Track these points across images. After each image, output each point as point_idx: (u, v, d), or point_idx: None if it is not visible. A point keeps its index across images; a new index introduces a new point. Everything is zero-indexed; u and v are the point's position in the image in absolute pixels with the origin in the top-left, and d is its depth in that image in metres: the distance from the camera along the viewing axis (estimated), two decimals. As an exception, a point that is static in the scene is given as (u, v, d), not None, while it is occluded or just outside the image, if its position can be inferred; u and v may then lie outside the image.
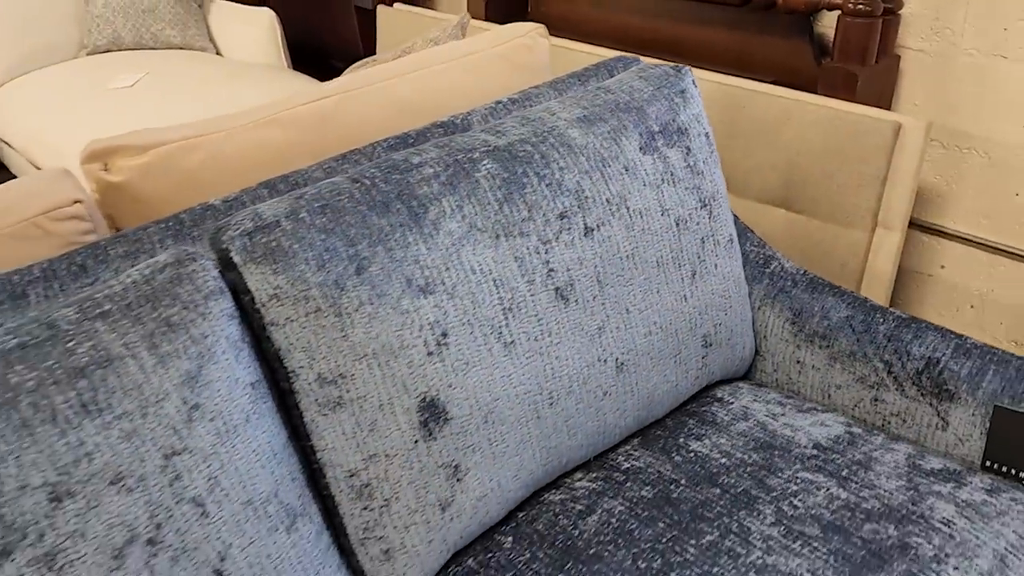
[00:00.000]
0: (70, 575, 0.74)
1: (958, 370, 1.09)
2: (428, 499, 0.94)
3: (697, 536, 0.96)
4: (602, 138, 1.06)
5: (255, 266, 0.87)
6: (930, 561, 0.91)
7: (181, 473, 0.79)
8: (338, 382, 0.89)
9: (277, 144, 1.23)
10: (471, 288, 0.94)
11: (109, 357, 0.78)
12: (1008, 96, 1.59)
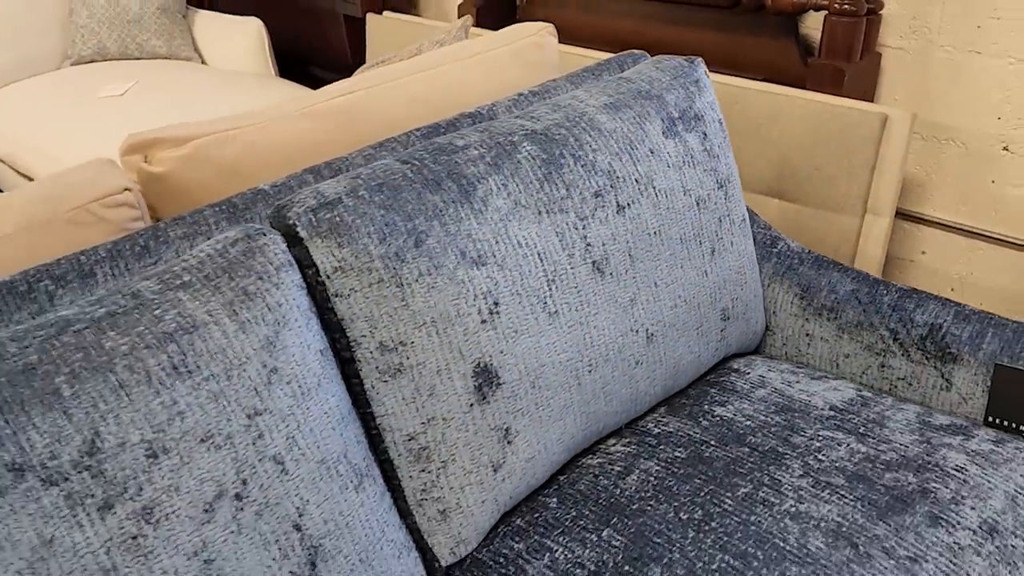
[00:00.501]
0: (166, 528, 0.78)
1: (959, 334, 1.18)
2: (481, 460, 0.99)
3: (732, 489, 1.03)
4: (628, 123, 1.13)
5: (320, 240, 0.92)
6: (949, 503, 0.99)
7: (263, 432, 0.84)
8: (398, 349, 0.94)
9: (308, 136, 1.28)
10: (518, 260, 1.00)
11: (195, 324, 0.82)
12: (982, 89, 1.69)
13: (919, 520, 0.97)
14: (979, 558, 0.94)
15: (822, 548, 0.94)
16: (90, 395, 0.76)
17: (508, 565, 1.00)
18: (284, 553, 0.85)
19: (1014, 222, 1.75)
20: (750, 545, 0.95)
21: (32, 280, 0.92)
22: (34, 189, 1.09)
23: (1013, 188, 1.73)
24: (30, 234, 1.04)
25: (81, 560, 0.74)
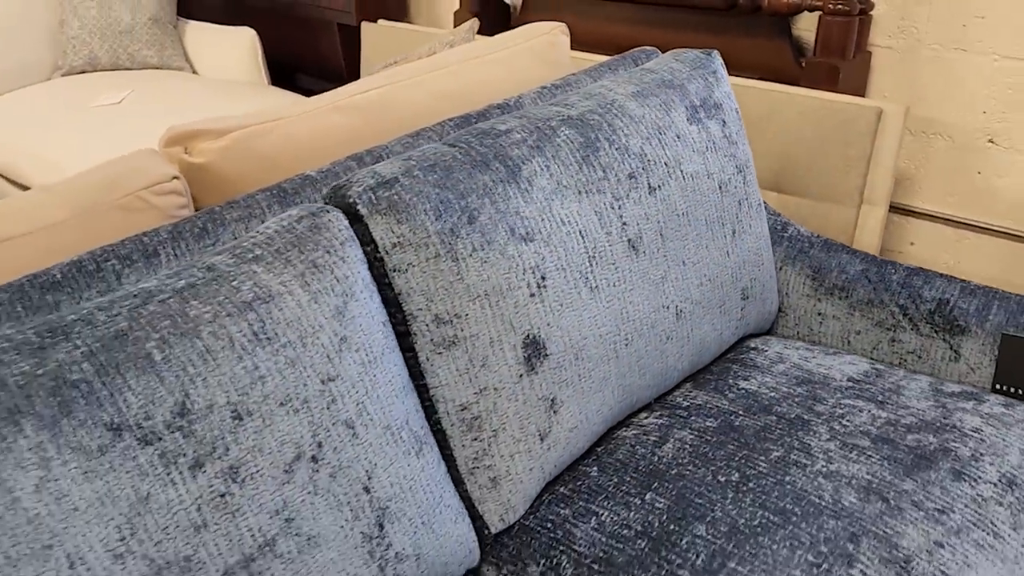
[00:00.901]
0: (250, 487, 0.81)
1: (966, 307, 1.25)
2: (530, 429, 1.04)
3: (765, 453, 1.08)
4: (655, 110, 1.19)
5: (380, 217, 0.97)
6: (969, 459, 1.05)
7: (336, 398, 0.88)
8: (453, 322, 0.99)
9: (341, 128, 1.33)
10: (563, 237, 1.05)
11: (270, 294, 0.86)
12: (968, 85, 1.79)
13: (943, 476, 1.03)
14: (1001, 508, 1.00)
15: (855, 503, 1.00)
16: (179, 360, 0.79)
17: (556, 530, 1.05)
18: (355, 514, 0.89)
19: (999, 211, 1.84)
20: (787, 502, 1.01)
21: (99, 259, 0.95)
22: (84, 178, 1.12)
23: (998, 179, 1.82)
24: (84, 219, 1.07)
25: (175, 516, 0.77)
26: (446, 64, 1.47)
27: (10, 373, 0.74)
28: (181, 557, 0.78)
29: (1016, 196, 1.80)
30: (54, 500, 0.72)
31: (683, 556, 0.97)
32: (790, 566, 0.93)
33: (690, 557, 0.97)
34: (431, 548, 0.96)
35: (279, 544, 0.83)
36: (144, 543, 0.76)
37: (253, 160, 1.24)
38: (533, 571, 1.03)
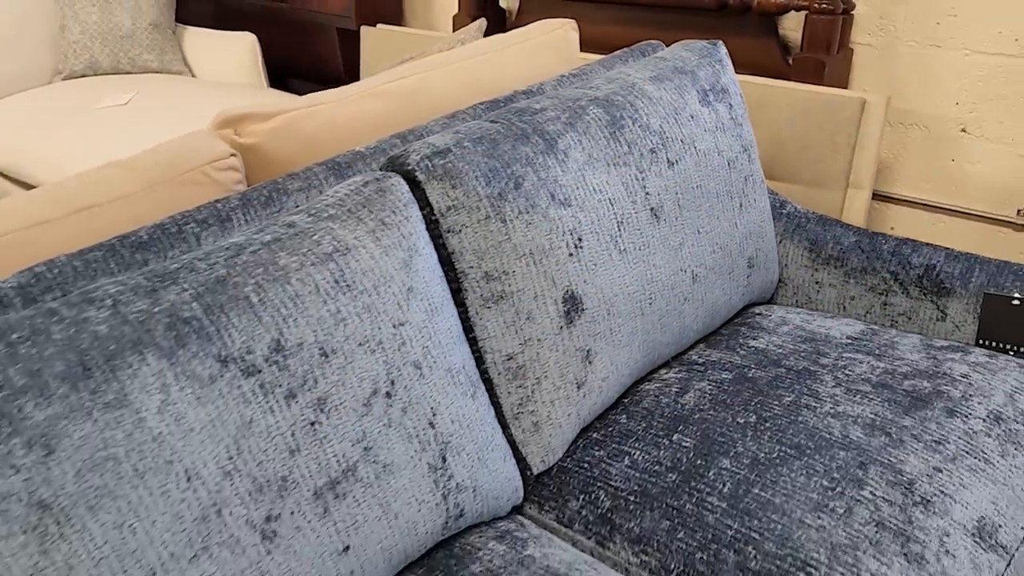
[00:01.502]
0: (335, 418, 0.91)
1: (951, 271, 1.38)
2: (568, 378, 1.15)
3: (778, 399, 1.20)
4: (671, 92, 1.31)
5: (436, 183, 1.07)
6: (960, 400, 1.18)
7: (405, 340, 0.97)
8: (501, 278, 1.09)
9: (378, 112, 1.43)
10: (595, 204, 1.16)
11: (347, 247, 0.96)
12: (942, 78, 1.93)
13: (938, 413, 1.15)
14: (990, 439, 1.12)
15: (862, 437, 1.11)
16: (273, 302, 0.89)
17: (592, 469, 1.15)
18: (423, 446, 0.98)
19: (972, 195, 1.98)
20: (801, 438, 1.12)
21: (180, 223, 1.04)
22: (150, 155, 1.21)
23: (970, 165, 1.96)
24: (154, 192, 1.17)
25: (273, 440, 0.87)
26: (469, 56, 1.58)
27: (129, 311, 0.83)
28: (279, 477, 0.87)
29: (987, 181, 1.95)
30: (173, 421, 0.81)
31: (711, 486, 1.08)
32: (807, 490, 1.05)
33: (717, 486, 1.08)
34: (485, 482, 1.06)
35: (360, 470, 0.93)
36: (248, 463, 0.85)
37: (298, 141, 1.34)
38: (573, 505, 1.14)
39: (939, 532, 1.00)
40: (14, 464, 0.73)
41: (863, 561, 0.97)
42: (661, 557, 1.05)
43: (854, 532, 0.99)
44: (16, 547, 0.73)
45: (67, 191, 1.13)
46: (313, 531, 0.89)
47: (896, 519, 1.00)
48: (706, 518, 1.05)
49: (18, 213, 1.09)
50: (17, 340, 0.78)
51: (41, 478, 0.74)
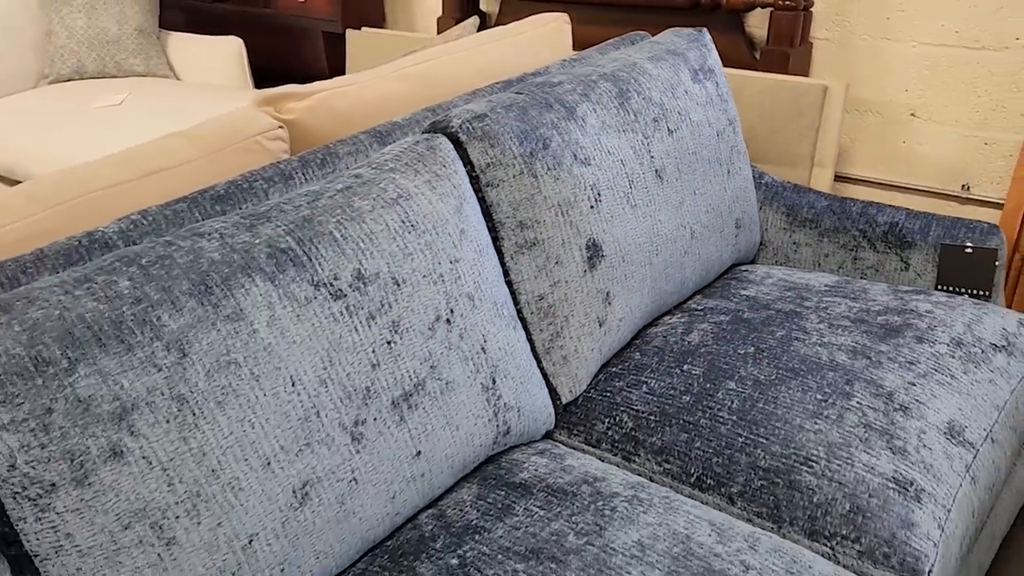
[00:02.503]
0: (407, 338, 1.04)
1: (912, 227, 1.57)
2: (591, 316, 1.30)
3: (771, 333, 1.37)
4: (667, 70, 1.48)
5: (477, 143, 1.22)
6: (926, 330, 1.36)
7: (460, 275, 1.12)
8: (534, 227, 1.24)
9: (401, 92, 1.57)
10: (610, 164, 1.32)
11: (409, 193, 1.10)
12: (894, 68, 2.14)
13: (909, 341, 1.33)
14: (954, 359, 1.30)
15: (846, 360, 1.29)
16: (352, 237, 1.03)
17: (614, 396, 1.30)
18: (477, 368, 1.12)
19: (922, 173, 2.19)
20: (795, 363, 1.29)
21: (250, 180, 1.17)
22: (206, 126, 1.34)
23: (919, 146, 2.18)
24: (213, 158, 1.29)
25: (357, 355, 1.00)
26: (475, 45, 1.74)
27: (235, 242, 0.96)
28: (363, 387, 1.00)
29: (934, 159, 2.16)
30: (279, 334, 0.94)
31: (721, 403, 1.24)
32: (804, 403, 1.21)
33: (726, 403, 1.24)
34: (527, 404, 1.20)
35: (427, 385, 1.06)
36: (339, 373, 0.98)
37: (332, 117, 1.47)
38: (599, 428, 1.29)
39: (917, 431, 1.17)
40: (156, 364, 0.86)
41: (856, 455, 1.13)
42: (682, 464, 1.21)
43: (846, 433, 1.16)
44: (161, 433, 0.85)
45: (137, 157, 1.25)
46: (392, 436, 1.02)
47: (880, 422, 1.17)
48: (719, 429, 1.21)
49: (96, 176, 1.20)
50: (147, 263, 0.91)
51: (179, 376, 0.87)
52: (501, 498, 1.11)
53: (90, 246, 1.02)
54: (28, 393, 0.80)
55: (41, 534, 0.82)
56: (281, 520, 0.93)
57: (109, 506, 0.83)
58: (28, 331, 0.82)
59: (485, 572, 0.99)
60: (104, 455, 0.82)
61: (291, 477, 0.93)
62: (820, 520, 1.10)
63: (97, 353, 0.84)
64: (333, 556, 0.99)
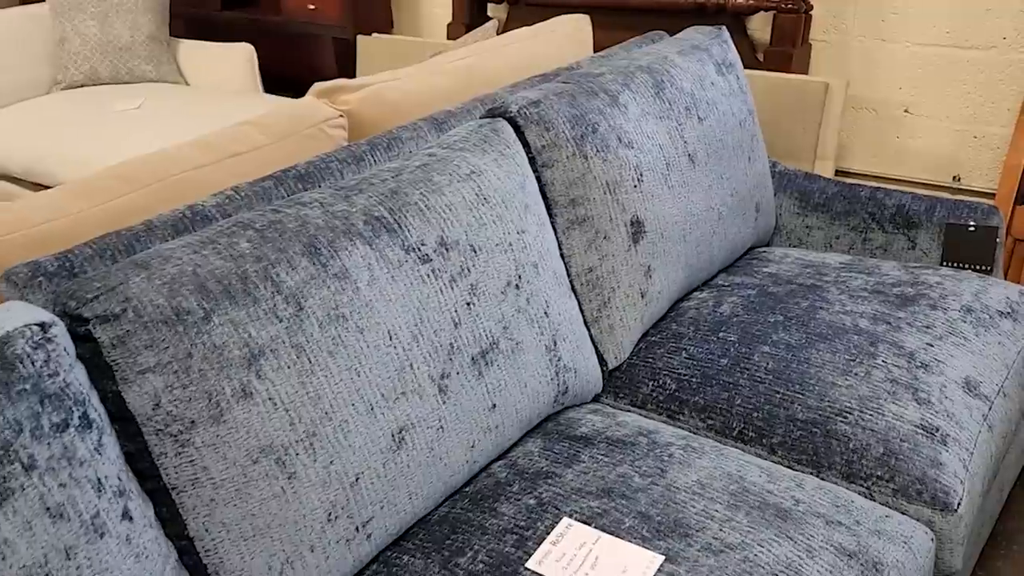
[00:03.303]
0: (483, 300, 1.14)
1: (918, 208, 1.70)
2: (634, 288, 1.40)
3: (796, 304, 1.48)
4: (695, 63, 1.59)
5: (533, 126, 1.32)
6: (939, 299, 1.48)
7: (526, 245, 1.22)
8: (584, 204, 1.35)
9: (444, 86, 1.67)
10: (649, 147, 1.43)
11: (480, 170, 1.20)
12: (887, 68, 2.28)
13: (924, 308, 1.45)
14: (966, 324, 1.42)
15: (869, 326, 1.40)
16: (435, 208, 1.12)
17: (656, 362, 1.41)
18: (541, 331, 1.22)
19: (915, 166, 2.33)
20: (822, 329, 1.40)
21: (327, 161, 1.27)
22: (272, 116, 1.43)
23: (912, 141, 2.32)
24: (282, 143, 1.39)
25: (443, 314, 1.09)
26: (505, 44, 1.85)
27: (335, 210, 1.06)
28: (447, 343, 1.10)
29: (926, 152, 2.30)
30: (378, 292, 1.03)
31: (757, 365, 1.35)
32: (834, 363, 1.33)
33: (762, 365, 1.35)
34: (582, 367, 1.31)
35: (501, 344, 1.16)
36: (427, 330, 1.08)
37: (382, 107, 1.57)
38: (644, 391, 1.39)
39: (939, 385, 1.29)
40: (278, 315, 0.95)
41: (885, 406, 1.25)
42: (724, 420, 1.31)
43: (875, 387, 1.27)
44: (283, 377, 0.94)
45: (215, 142, 1.34)
46: (471, 389, 1.12)
47: (905, 377, 1.29)
48: (757, 387, 1.32)
49: (179, 159, 1.29)
50: (261, 227, 1.00)
51: (297, 327, 0.96)
52: (566, 448, 1.21)
53: (193, 217, 1.11)
54: (171, 339, 0.89)
55: (180, 468, 0.91)
56: (382, 461, 1.02)
57: (240, 442, 0.92)
58: (168, 285, 0.91)
59: (562, 508, 1.09)
60: (236, 395, 0.91)
61: (390, 422, 1.03)
62: (856, 464, 1.21)
63: (228, 305, 0.93)
64: (422, 498, 1.08)
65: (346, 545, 1.00)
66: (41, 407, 0.79)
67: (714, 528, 1.04)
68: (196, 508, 0.92)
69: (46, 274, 0.99)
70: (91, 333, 0.87)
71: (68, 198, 1.19)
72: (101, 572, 0.80)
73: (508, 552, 1.03)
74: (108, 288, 0.89)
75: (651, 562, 0.99)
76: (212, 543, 0.93)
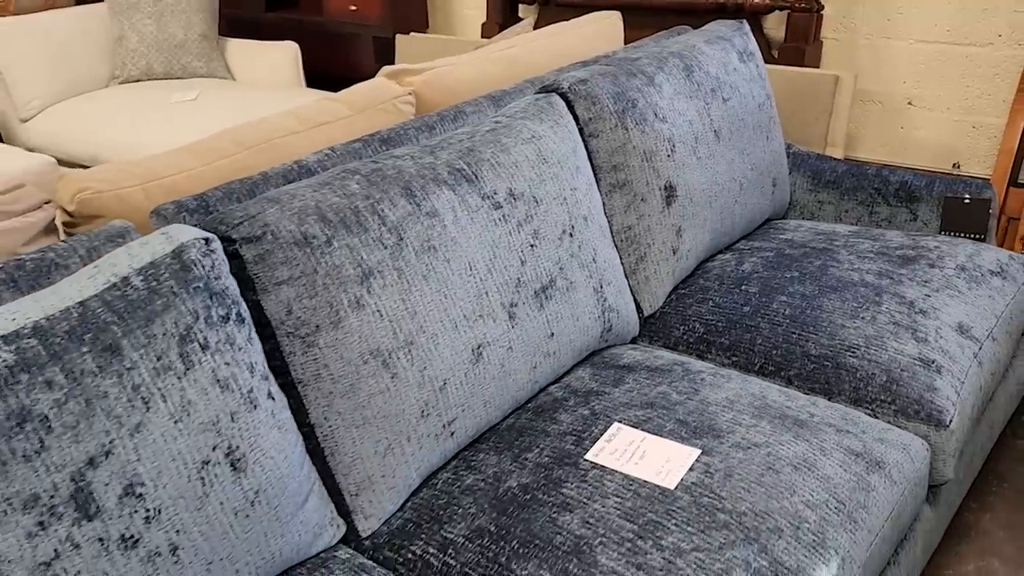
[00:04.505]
0: (543, 244, 1.34)
1: (919, 184, 1.89)
2: (666, 246, 1.60)
3: (810, 263, 1.67)
4: (719, 51, 1.79)
5: (582, 101, 1.52)
6: (936, 259, 1.67)
7: (578, 200, 1.41)
8: (624, 170, 1.55)
9: (492, 72, 1.88)
10: (680, 122, 1.63)
11: (539, 135, 1.40)
12: (894, 63, 2.48)
13: (923, 267, 1.65)
14: (960, 280, 1.62)
15: (874, 280, 1.59)
16: (504, 164, 1.32)
17: (686, 310, 1.60)
18: (590, 274, 1.42)
19: (918, 154, 2.52)
20: (833, 282, 1.59)
21: (404, 128, 1.47)
22: (350, 93, 1.63)
23: (915, 131, 2.51)
24: (362, 115, 1.59)
25: (511, 253, 1.29)
26: (545, 36, 2.05)
27: (423, 163, 1.26)
28: (515, 278, 1.29)
29: (929, 142, 2.50)
30: (461, 230, 1.23)
31: (775, 311, 1.54)
32: (843, 309, 1.52)
33: (780, 311, 1.54)
34: (623, 309, 1.50)
35: (558, 282, 1.36)
36: (499, 265, 1.27)
37: (441, 89, 1.78)
38: (676, 334, 1.58)
39: (935, 327, 1.48)
40: (384, 243, 1.15)
41: (888, 343, 1.44)
42: (747, 356, 1.51)
43: (879, 328, 1.47)
44: (388, 294, 1.14)
45: (306, 114, 1.54)
46: (535, 318, 1.32)
47: (906, 321, 1.48)
48: (776, 329, 1.51)
49: (279, 127, 1.50)
50: (366, 173, 1.20)
51: (398, 253, 1.16)
52: (612, 374, 1.40)
53: (299, 170, 1.31)
54: (300, 258, 1.09)
55: (305, 365, 1.10)
56: (464, 371, 1.22)
57: (354, 344, 1.11)
58: (296, 215, 1.11)
59: (612, 417, 1.28)
60: (351, 306, 1.11)
61: (470, 339, 1.22)
62: (862, 390, 1.40)
63: (344, 232, 1.13)
64: (494, 407, 1.28)
65: (435, 439, 1.19)
66: (210, 301, 0.99)
67: (741, 431, 1.24)
68: (317, 400, 1.11)
69: (188, 210, 1.19)
70: (238, 251, 1.08)
71: (188, 155, 1.39)
72: (255, 435, 0.99)
73: (569, 449, 1.22)
74: (249, 216, 1.09)
75: (690, 454, 1.19)
76: (329, 429, 1.12)
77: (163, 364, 0.93)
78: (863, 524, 1.14)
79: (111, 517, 0.88)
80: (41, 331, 0.88)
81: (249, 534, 1.00)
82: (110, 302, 0.93)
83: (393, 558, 1.14)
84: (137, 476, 0.90)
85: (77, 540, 0.85)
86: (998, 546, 1.63)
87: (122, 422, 0.89)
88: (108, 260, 0.98)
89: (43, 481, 0.84)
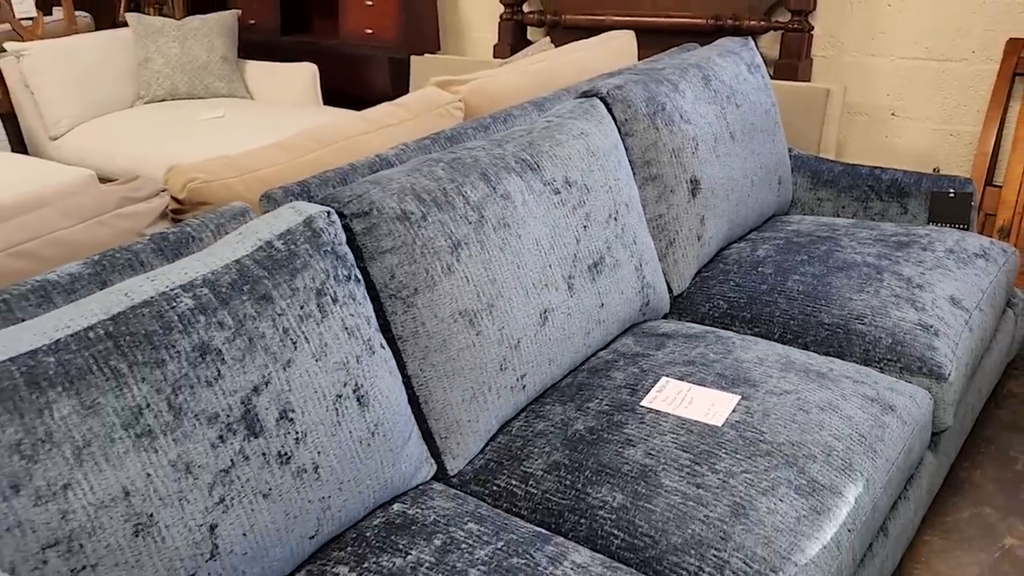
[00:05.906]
0: (594, 225, 1.53)
1: (909, 181, 2.11)
2: (692, 234, 1.80)
3: (817, 248, 1.88)
4: (731, 63, 2.01)
5: (619, 104, 1.73)
6: (928, 244, 1.89)
7: (620, 188, 1.61)
8: (655, 165, 1.75)
9: (526, 83, 2.08)
10: (703, 124, 1.84)
11: (586, 132, 1.60)
12: (878, 79, 2.72)
13: (916, 250, 1.86)
14: (950, 261, 1.83)
15: (875, 261, 1.80)
16: (559, 157, 1.52)
17: (710, 290, 1.80)
18: (631, 253, 1.61)
19: (901, 161, 2.76)
20: (839, 263, 1.80)
21: (464, 128, 1.66)
22: (407, 99, 1.83)
23: (898, 139, 2.75)
24: (419, 120, 1.78)
25: (568, 232, 1.48)
26: (567, 53, 2.26)
27: (492, 154, 1.45)
28: (571, 253, 1.48)
29: (911, 149, 2.73)
30: (528, 211, 1.42)
31: (791, 288, 1.74)
32: (849, 285, 1.72)
33: (795, 288, 1.74)
34: (658, 286, 1.69)
35: (606, 260, 1.55)
36: (559, 243, 1.46)
37: (485, 96, 1.98)
38: (702, 310, 1.78)
39: (930, 299, 1.69)
40: (468, 220, 1.34)
41: (890, 311, 1.64)
42: (767, 327, 1.70)
43: (882, 300, 1.67)
44: (473, 263, 1.32)
45: (372, 117, 1.73)
46: (588, 289, 1.51)
47: (905, 294, 1.69)
48: (792, 303, 1.71)
49: (350, 127, 1.68)
50: (448, 161, 1.39)
51: (480, 229, 1.34)
52: (653, 341, 1.59)
53: (380, 162, 1.50)
54: (401, 230, 1.27)
55: (405, 323, 1.28)
56: (533, 332, 1.40)
57: (445, 305, 1.30)
58: (396, 194, 1.30)
59: (659, 373, 1.47)
60: (444, 271, 1.30)
61: (538, 305, 1.41)
62: (871, 352, 1.60)
63: (435, 210, 1.31)
64: (556, 365, 1.46)
65: (510, 391, 1.38)
66: (336, 263, 1.17)
67: (773, 382, 1.43)
68: (414, 353, 1.29)
69: (293, 194, 1.37)
70: (348, 225, 1.26)
71: (277, 151, 1.57)
72: (374, 376, 1.17)
73: (625, 398, 1.41)
74: (356, 195, 1.28)
75: (731, 400, 1.38)
76: (424, 379, 1.30)
77: (305, 312, 1.11)
78: (882, 454, 1.33)
79: (271, 436, 1.05)
80: (209, 283, 1.06)
81: (370, 461, 1.17)
82: (260, 260, 1.10)
83: (480, 491, 1.32)
84: (289, 404, 1.07)
85: (247, 453, 1.02)
86: (989, 496, 1.83)
87: (276, 358, 1.07)
88: (250, 227, 1.16)
89: (221, 402, 1.01)
